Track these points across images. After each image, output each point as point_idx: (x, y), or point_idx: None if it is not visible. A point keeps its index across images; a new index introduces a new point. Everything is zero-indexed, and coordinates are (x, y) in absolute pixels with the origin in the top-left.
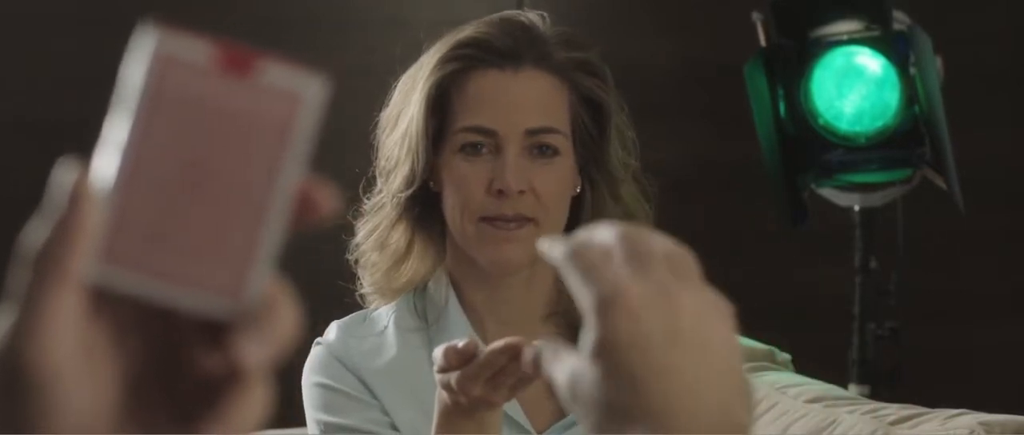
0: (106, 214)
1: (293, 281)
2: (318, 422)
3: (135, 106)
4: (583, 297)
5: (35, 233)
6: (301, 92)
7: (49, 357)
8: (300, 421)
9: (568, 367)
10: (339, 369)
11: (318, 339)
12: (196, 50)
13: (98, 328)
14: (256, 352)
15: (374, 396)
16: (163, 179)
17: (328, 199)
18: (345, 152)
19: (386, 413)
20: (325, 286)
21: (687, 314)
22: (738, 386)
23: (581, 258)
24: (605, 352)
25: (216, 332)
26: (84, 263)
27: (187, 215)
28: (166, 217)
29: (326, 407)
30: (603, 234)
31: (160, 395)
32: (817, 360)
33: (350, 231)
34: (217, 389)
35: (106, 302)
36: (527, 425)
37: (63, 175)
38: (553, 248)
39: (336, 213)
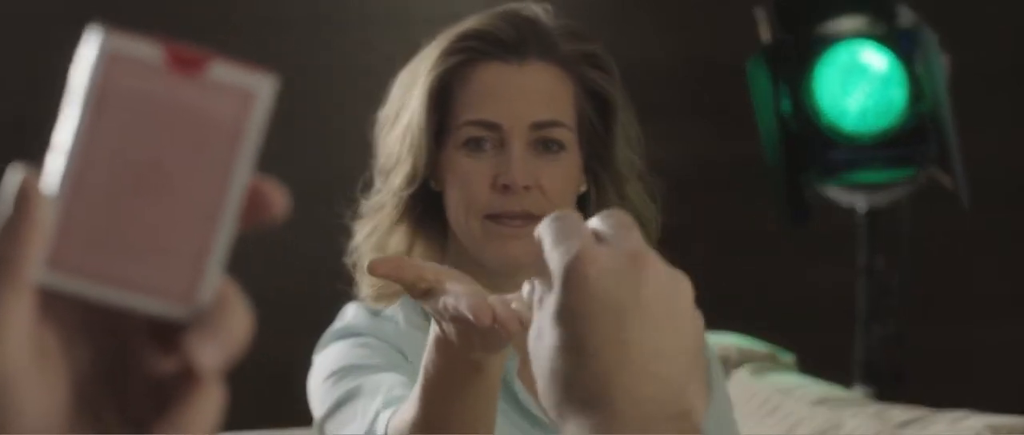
0: (55, 217)
1: (290, 284)
2: (333, 373)
3: (82, 106)
4: (552, 261)
5: None
6: (252, 91)
7: (0, 360)
8: (299, 421)
9: (534, 326)
10: (365, 331)
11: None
12: (144, 50)
13: (49, 330)
14: (209, 354)
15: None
16: (112, 180)
17: (279, 198)
18: (344, 152)
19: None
20: (324, 289)
21: (651, 288)
22: (693, 369)
23: (557, 224)
24: (563, 317)
25: (168, 333)
26: (34, 267)
27: (137, 217)
28: (115, 219)
29: (346, 356)
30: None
31: (112, 397)
32: (821, 361)
33: (349, 234)
34: (170, 391)
35: (56, 305)
36: (539, 413)
37: (12, 178)
38: (541, 224)
39: (286, 212)
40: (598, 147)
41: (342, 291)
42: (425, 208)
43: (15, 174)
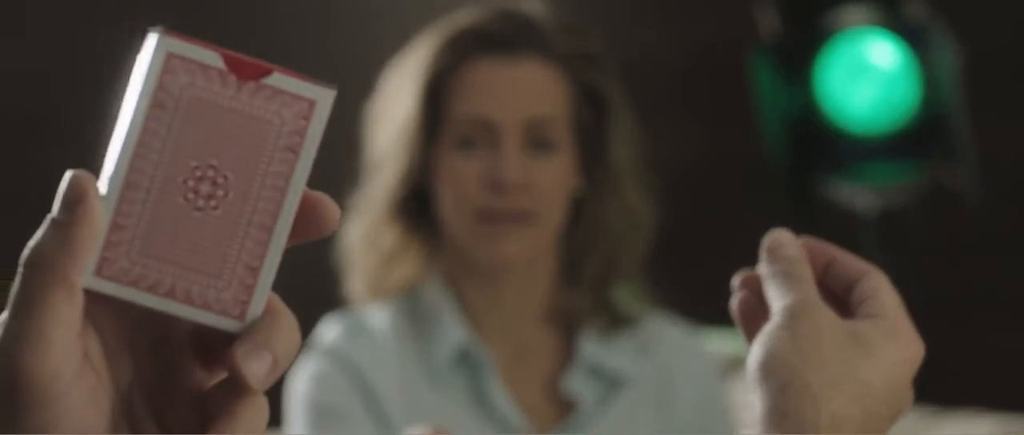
0: (108, 223)
1: (285, 282)
2: None
3: (138, 107)
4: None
5: (38, 238)
6: (311, 102)
7: (46, 362)
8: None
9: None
10: (336, 378)
11: (312, 344)
12: (204, 54)
13: (93, 338)
14: (257, 368)
15: (374, 400)
16: (165, 186)
17: (334, 212)
18: (333, 149)
19: (386, 427)
20: (316, 286)
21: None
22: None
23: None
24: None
25: (211, 346)
26: (84, 272)
27: (190, 224)
28: (168, 226)
29: (314, 426)
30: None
31: (152, 409)
32: None
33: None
34: (211, 404)
35: (101, 312)
36: (519, 422)
37: (68, 180)
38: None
39: (338, 225)
40: (593, 146)
41: (330, 291)
42: (417, 206)
43: (71, 177)
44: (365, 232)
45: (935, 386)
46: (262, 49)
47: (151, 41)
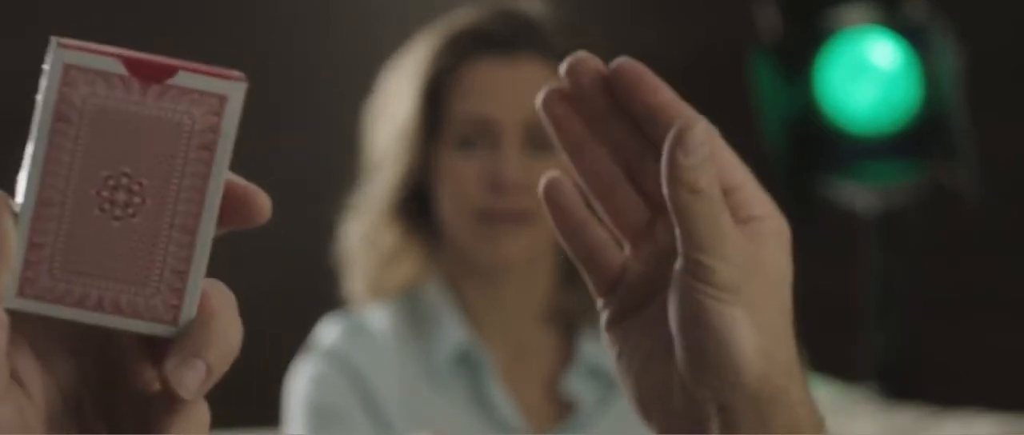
0: (24, 242)
1: (284, 282)
2: None
3: (41, 123)
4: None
5: None
6: (222, 96)
7: None
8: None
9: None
10: (335, 380)
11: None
12: (102, 62)
13: (25, 350)
14: (190, 379)
15: (374, 401)
16: (79, 199)
17: (263, 202)
18: (332, 148)
19: (385, 428)
20: (315, 286)
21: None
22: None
23: None
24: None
25: (156, 345)
26: (6, 291)
27: (109, 235)
28: (86, 238)
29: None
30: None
31: (102, 411)
32: (829, 361)
33: (334, 230)
34: (157, 404)
35: (29, 327)
36: (518, 422)
37: None
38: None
39: (268, 216)
40: None
41: (328, 290)
42: (418, 206)
43: None
44: (365, 232)
45: (935, 386)
46: (261, 50)
47: (49, 53)
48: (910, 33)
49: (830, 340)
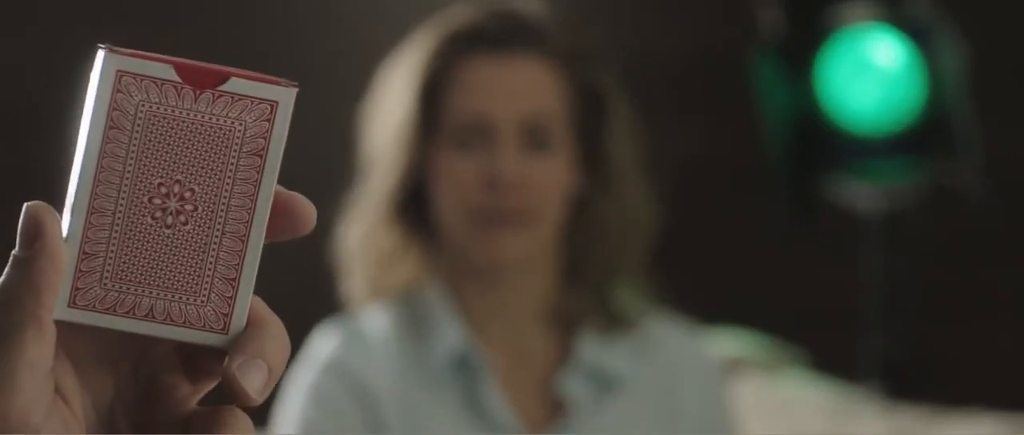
0: (75, 253)
1: (282, 283)
2: None
3: (92, 129)
4: None
5: (2, 277)
6: (273, 102)
7: (15, 405)
8: None
9: None
10: (335, 395)
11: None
12: (158, 68)
13: (66, 369)
14: (255, 379)
15: (373, 408)
16: (131, 207)
17: (310, 211)
18: (329, 147)
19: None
20: (312, 288)
21: None
22: None
23: None
24: None
25: (196, 360)
26: (53, 308)
27: (162, 245)
28: (138, 247)
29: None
30: None
31: (137, 423)
32: (831, 360)
33: (331, 233)
34: (198, 416)
35: (74, 341)
36: (519, 427)
37: (25, 214)
38: None
39: (314, 225)
40: (592, 144)
41: (327, 293)
42: (416, 207)
43: (30, 211)
44: (363, 234)
45: (937, 386)
46: (257, 50)
47: (99, 59)
48: (913, 31)
49: (832, 339)
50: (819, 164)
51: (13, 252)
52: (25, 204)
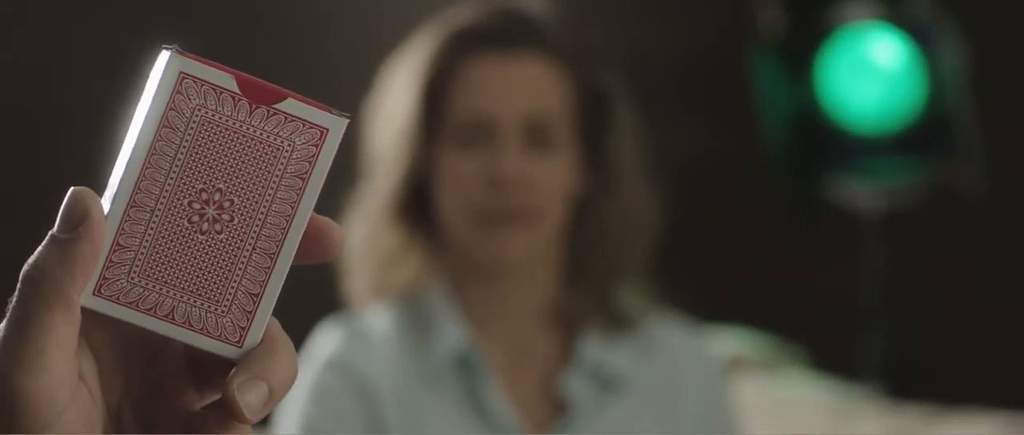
0: (110, 243)
1: (287, 280)
2: None
3: (146, 125)
4: None
5: (38, 255)
6: (324, 128)
7: (43, 383)
8: None
9: None
10: (337, 393)
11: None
12: (220, 77)
13: (89, 355)
14: (253, 398)
15: (374, 406)
16: (171, 206)
17: (339, 239)
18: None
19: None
20: (313, 288)
21: None
22: None
23: None
24: None
25: (204, 368)
26: (83, 291)
27: (194, 250)
28: (170, 247)
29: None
30: None
31: (144, 423)
32: (832, 359)
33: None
34: (202, 424)
35: (99, 328)
36: (521, 426)
37: (71, 196)
38: None
39: (341, 253)
40: (595, 143)
41: (328, 292)
42: (419, 206)
43: (75, 195)
44: (366, 233)
45: (939, 385)
46: (261, 48)
47: (163, 59)
48: (914, 30)
49: (833, 339)
50: (820, 163)
51: (52, 232)
52: (71, 188)
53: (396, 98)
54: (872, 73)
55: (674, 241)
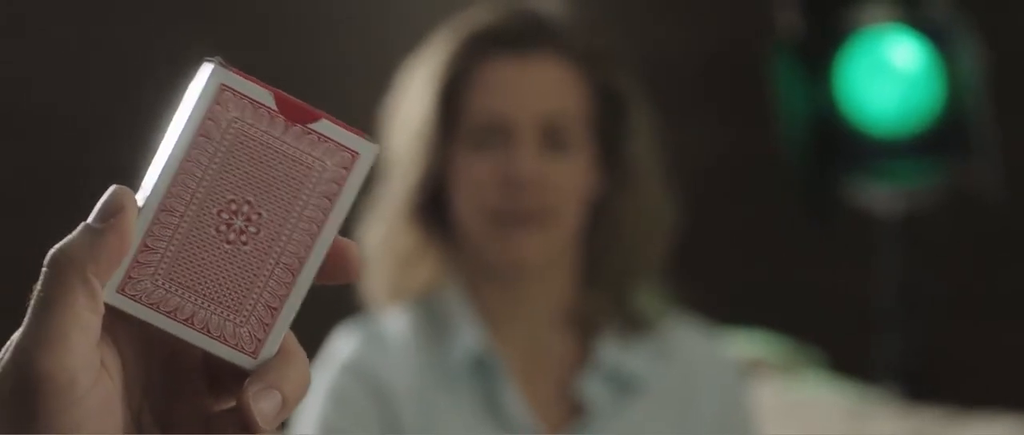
0: (137, 243)
1: None
2: None
3: (183, 132)
4: None
5: (67, 240)
6: (355, 152)
7: (65, 365)
8: None
9: None
10: (354, 396)
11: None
12: (258, 93)
13: (112, 347)
14: (267, 407)
15: (391, 409)
16: (200, 213)
17: (358, 262)
18: None
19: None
20: (336, 290)
21: None
22: None
23: None
24: None
25: (222, 373)
26: (106, 285)
27: (219, 259)
28: (196, 253)
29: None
30: None
31: (163, 422)
32: (848, 361)
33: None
34: (218, 428)
35: (122, 325)
36: (537, 428)
37: (110, 192)
38: None
39: (361, 276)
40: (612, 145)
41: (343, 293)
42: (436, 208)
43: (115, 191)
44: (383, 235)
45: (955, 387)
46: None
47: (205, 70)
48: (932, 32)
49: (850, 341)
50: (837, 165)
51: (86, 221)
52: (112, 185)
53: (413, 100)
54: (890, 75)
55: (690, 242)
